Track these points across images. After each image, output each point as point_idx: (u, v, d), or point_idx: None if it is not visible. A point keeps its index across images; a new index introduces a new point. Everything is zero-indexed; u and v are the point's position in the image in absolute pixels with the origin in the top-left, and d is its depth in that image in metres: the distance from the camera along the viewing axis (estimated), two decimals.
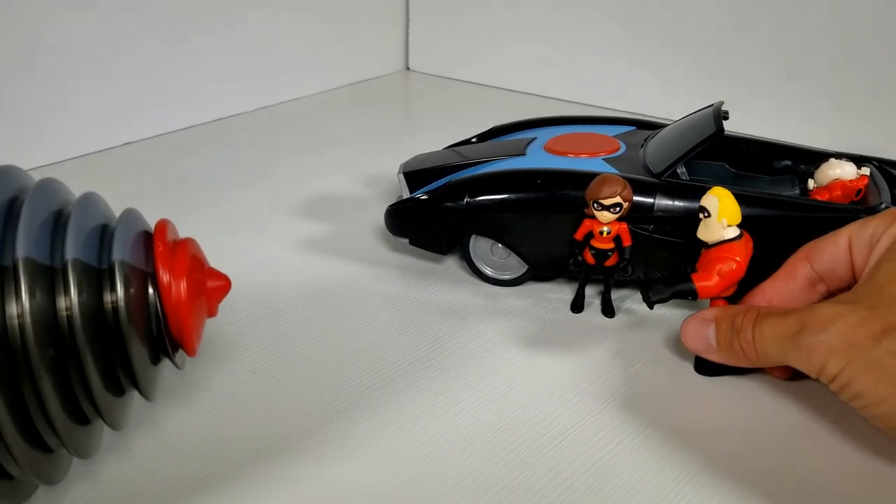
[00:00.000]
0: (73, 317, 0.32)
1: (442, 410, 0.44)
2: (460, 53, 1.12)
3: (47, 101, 0.78)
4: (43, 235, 0.33)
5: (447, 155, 0.62)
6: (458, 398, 0.45)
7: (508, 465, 0.40)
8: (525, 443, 0.42)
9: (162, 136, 0.88)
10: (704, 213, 0.46)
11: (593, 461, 0.41)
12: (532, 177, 0.54)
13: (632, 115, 0.71)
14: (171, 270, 0.35)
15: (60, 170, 0.78)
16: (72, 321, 0.32)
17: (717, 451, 0.41)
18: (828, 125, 0.82)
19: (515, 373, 0.48)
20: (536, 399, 0.45)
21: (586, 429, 0.43)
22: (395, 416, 0.44)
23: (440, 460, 0.41)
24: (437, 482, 0.39)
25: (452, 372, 0.48)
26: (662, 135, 0.58)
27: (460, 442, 0.42)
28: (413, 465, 0.40)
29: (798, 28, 0.84)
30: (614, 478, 0.40)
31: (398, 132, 0.92)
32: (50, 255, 0.32)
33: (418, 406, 0.45)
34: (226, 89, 0.94)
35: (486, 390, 0.46)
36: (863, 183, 0.53)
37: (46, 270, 0.32)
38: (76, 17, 0.78)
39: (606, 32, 0.98)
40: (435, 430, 0.43)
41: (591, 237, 0.51)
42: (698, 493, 0.39)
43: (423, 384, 0.46)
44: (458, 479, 0.39)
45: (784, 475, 0.40)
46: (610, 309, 0.53)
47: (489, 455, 0.41)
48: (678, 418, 0.44)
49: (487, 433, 0.43)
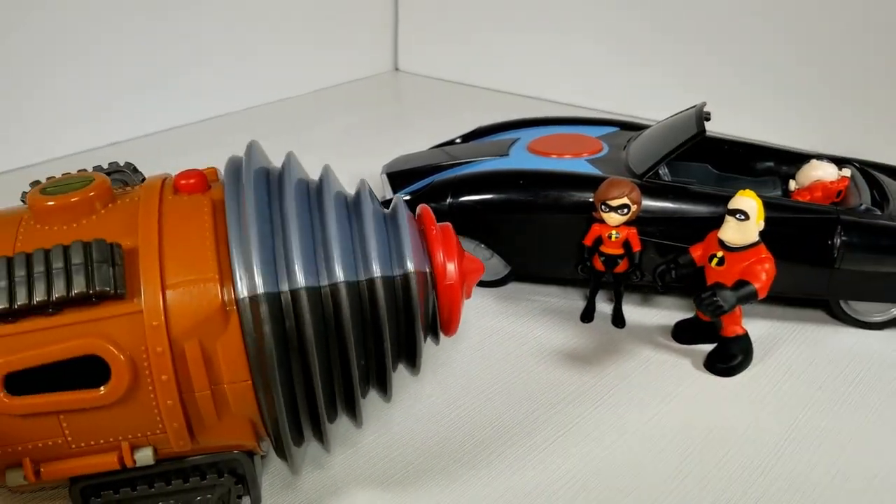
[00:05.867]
0: (375, 291, 0.33)
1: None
2: (449, 54, 1.12)
3: (33, 100, 0.78)
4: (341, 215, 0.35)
5: (430, 155, 0.62)
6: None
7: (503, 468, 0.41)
8: (515, 445, 0.42)
9: (148, 137, 0.87)
10: (740, 216, 0.45)
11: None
12: (515, 177, 0.54)
13: (616, 117, 0.72)
14: (445, 252, 0.36)
15: (47, 169, 0.77)
16: (374, 296, 0.33)
17: (707, 452, 0.42)
18: (810, 127, 0.83)
19: (514, 374, 0.48)
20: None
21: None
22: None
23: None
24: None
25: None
26: (645, 136, 0.58)
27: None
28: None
29: (782, 30, 0.84)
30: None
31: (387, 133, 0.92)
32: (350, 236, 0.34)
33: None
34: (213, 89, 0.94)
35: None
36: (843, 184, 0.54)
37: (351, 250, 0.34)
38: (64, 14, 0.78)
39: (594, 34, 0.98)
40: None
41: (600, 243, 0.50)
42: (692, 492, 0.39)
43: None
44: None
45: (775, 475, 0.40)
46: (620, 319, 0.53)
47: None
48: (671, 416, 0.44)
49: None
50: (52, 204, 0.33)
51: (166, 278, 0.31)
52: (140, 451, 0.32)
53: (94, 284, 0.30)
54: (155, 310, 0.30)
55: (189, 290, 0.31)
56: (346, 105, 1.02)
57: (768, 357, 0.49)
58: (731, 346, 0.48)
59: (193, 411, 0.32)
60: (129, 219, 0.33)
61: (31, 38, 0.77)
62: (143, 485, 0.34)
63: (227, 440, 0.34)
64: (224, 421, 0.32)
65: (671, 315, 0.53)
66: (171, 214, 0.33)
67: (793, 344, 0.51)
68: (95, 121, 0.84)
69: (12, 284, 0.30)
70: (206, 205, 0.33)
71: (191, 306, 0.31)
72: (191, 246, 0.32)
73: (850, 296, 0.51)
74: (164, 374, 0.30)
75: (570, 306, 0.55)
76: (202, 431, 0.33)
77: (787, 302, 0.54)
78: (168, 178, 0.36)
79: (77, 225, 0.33)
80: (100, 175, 0.35)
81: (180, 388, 0.31)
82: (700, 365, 0.48)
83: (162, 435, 0.32)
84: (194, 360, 0.31)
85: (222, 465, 0.35)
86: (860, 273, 0.49)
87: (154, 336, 0.30)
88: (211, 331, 0.31)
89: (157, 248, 0.31)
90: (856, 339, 0.51)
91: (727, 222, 0.46)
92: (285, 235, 0.32)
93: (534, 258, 0.55)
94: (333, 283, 0.33)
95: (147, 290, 0.31)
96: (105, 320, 0.30)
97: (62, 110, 0.81)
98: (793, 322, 0.53)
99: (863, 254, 0.49)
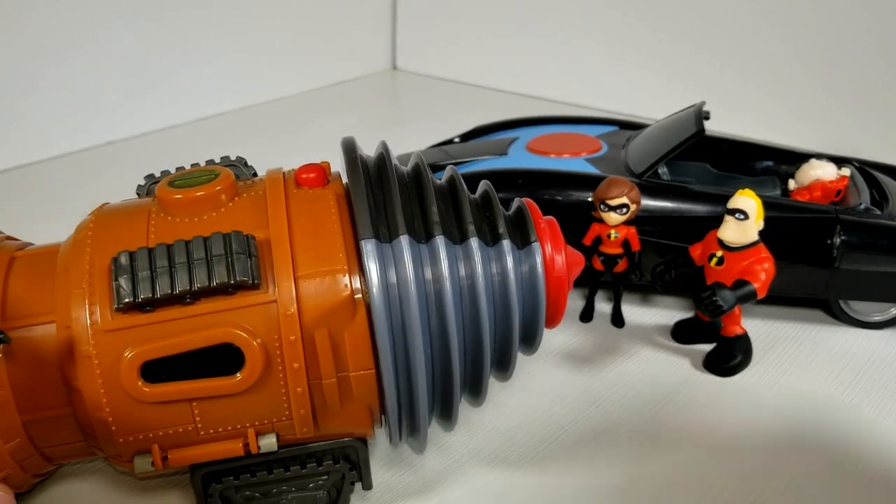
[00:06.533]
0: (507, 281, 0.34)
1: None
2: (448, 52, 1.12)
3: (28, 98, 0.78)
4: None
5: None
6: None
7: (519, 469, 0.40)
8: (514, 445, 0.42)
9: (145, 136, 0.87)
10: (740, 216, 0.45)
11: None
12: (514, 177, 0.53)
13: (616, 116, 0.71)
14: (553, 245, 0.36)
15: (42, 168, 0.77)
16: (506, 285, 0.34)
17: (706, 453, 0.42)
18: (809, 126, 0.83)
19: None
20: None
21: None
22: None
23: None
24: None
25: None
26: (644, 135, 0.58)
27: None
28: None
29: (782, 28, 0.84)
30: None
31: (385, 132, 0.92)
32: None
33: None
34: (210, 88, 0.94)
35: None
36: (843, 184, 0.54)
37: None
38: (60, 12, 0.78)
39: (594, 33, 0.98)
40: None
41: (599, 242, 0.50)
42: (692, 492, 0.39)
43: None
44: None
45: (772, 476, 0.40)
46: (619, 319, 0.53)
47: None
48: (671, 416, 0.44)
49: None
50: (180, 197, 0.34)
51: (298, 269, 0.32)
52: (264, 438, 0.33)
53: (235, 275, 0.31)
54: (288, 299, 0.32)
55: (320, 281, 0.32)
56: (344, 104, 1.02)
57: (768, 357, 0.49)
58: (730, 346, 0.48)
59: (319, 399, 0.33)
60: (258, 212, 0.34)
61: (26, 37, 0.77)
62: (261, 471, 0.35)
63: (347, 427, 0.35)
64: (346, 408, 0.33)
65: (670, 315, 0.53)
66: (298, 208, 0.34)
67: (793, 344, 0.50)
68: (92, 119, 0.83)
69: (154, 274, 0.31)
70: (330, 198, 0.35)
71: (322, 296, 0.32)
72: (320, 238, 0.33)
73: (849, 295, 0.51)
74: (296, 362, 0.32)
75: (569, 306, 0.54)
76: (325, 418, 0.34)
77: (786, 302, 0.54)
78: (288, 173, 0.37)
79: (207, 217, 0.34)
80: (225, 169, 0.36)
81: (309, 375, 0.32)
82: (700, 365, 0.48)
83: (287, 422, 0.33)
84: (323, 349, 0.32)
85: (338, 452, 0.36)
86: (859, 273, 0.49)
87: (287, 325, 0.31)
88: (340, 320, 0.32)
89: (289, 240, 0.33)
90: (855, 339, 0.51)
91: (726, 222, 0.45)
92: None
93: None
94: (470, 274, 0.34)
95: (280, 281, 0.32)
96: (241, 309, 0.32)
97: (58, 109, 0.81)
98: (792, 322, 0.53)
99: (862, 253, 0.49)
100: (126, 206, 0.36)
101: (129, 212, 0.35)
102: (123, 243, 0.32)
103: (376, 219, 0.33)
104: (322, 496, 0.36)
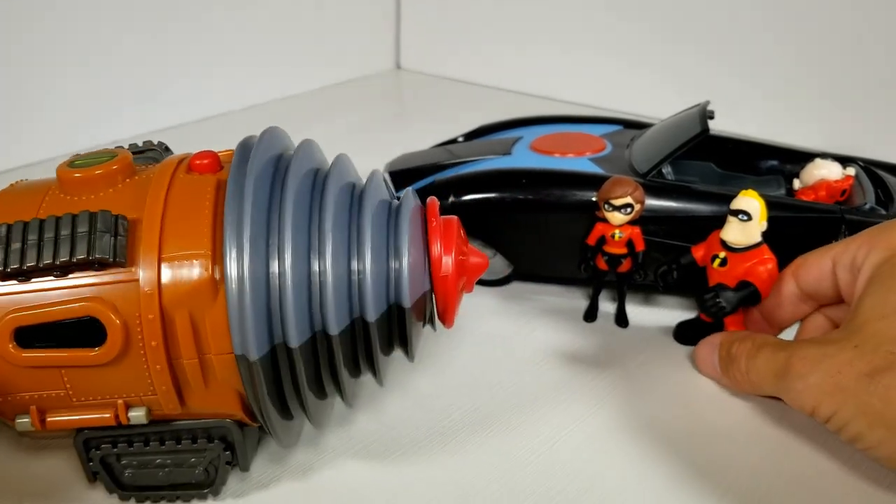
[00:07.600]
0: (364, 281, 0.35)
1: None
2: (451, 52, 1.12)
3: (35, 99, 0.78)
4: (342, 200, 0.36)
5: (432, 154, 0.62)
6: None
7: (500, 469, 0.40)
8: (518, 442, 0.42)
9: (149, 135, 0.87)
10: (743, 216, 0.45)
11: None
12: (517, 176, 0.53)
13: (620, 115, 0.71)
14: (443, 244, 0.37)
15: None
16: (363, 285, 0.35)
17: (708, 453, 0.41)
18: (814, 126, 0.83)
19: (517, 374, 0.48)
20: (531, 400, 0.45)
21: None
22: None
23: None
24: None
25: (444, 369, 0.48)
26: (648, 134, 0.58)
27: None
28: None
29: (788, 28, 0.84)
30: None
31: (389, 131, 0.92)
32: (348, 224, 0.36)
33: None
34: (214, 88, 0.94)
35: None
36: (848, 183, 0.53)
37: (346, 238, 0.35)
38: (67, 14, 0.78)
39: (597, 32, 0.97)
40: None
41: (603, 242, 0.50)
42: (694, 492, 0.39)
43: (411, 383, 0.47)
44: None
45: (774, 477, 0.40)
46: (624, 319, 0.52)
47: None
48: (673, 415, 0.44)
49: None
50: (78, 176, 0.35)
51: (163, 251, 0.33)
52: (134, 411, 0.35)
53: (94, 252, 0.32)
54: (150, 279, 0.33)
55: (182, 264, 0.33)
56: (348, 103, 1.02)
57: None
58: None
59: (182, 377, 0.34)
60: (141, 193, 0.35)
61: (33, 39, 0.77)
62: (138, 442, 0.36)
63: (217, 408, 0.36)
64: (211, 389, 0.34)
65: (674, 315, 0.53)
66: (177, 192, 0.35)
67: None
68: (98, 119, 0.83)
69: (25, 247, 0.33)
70: (211, 184, 0.35)
71: (183, 278, 0.33)
72: (189, 222, 0.34)
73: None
74: (154, 339, 0.33)
75: (572, 306, 0.54)
76: (191, 397, 0.35)
77: None
78: (186, 158, 0.38)
79: (95, 197, 0.35)
80: (123, 150, 0.37)
81: (169, 354, 0.33)
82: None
83: (154, 397, 0.34)
84: (183, 329, 0.33)
85: (213, 432, 0.37)
86: None
87: (147, 303, 0.33)
88: (200, 303, 0.33)
89: (160, 222, 0.34)
90: None
91: (730, 222, 0.45)
92: (281, 220, 0.34)
93: (536, 258, 0.55)
94: (324, 271, 0.34)
95: (144, 261, 0.33)
96: (105, 286, 0.33)
97: (65, 109, 0.81)
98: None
99: None
100: (32, 183, 0.38)
101: (32, 189, 0.37)
102: (13, 217, 0.34)
103: (250, 209, 0.33)
104: (200, 472, 0.37)
